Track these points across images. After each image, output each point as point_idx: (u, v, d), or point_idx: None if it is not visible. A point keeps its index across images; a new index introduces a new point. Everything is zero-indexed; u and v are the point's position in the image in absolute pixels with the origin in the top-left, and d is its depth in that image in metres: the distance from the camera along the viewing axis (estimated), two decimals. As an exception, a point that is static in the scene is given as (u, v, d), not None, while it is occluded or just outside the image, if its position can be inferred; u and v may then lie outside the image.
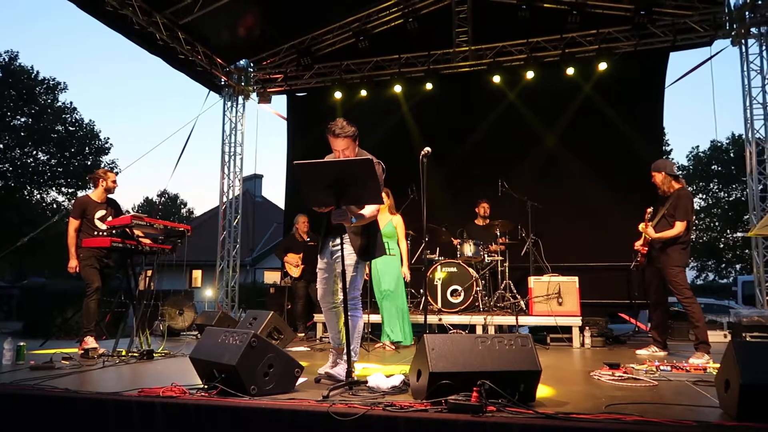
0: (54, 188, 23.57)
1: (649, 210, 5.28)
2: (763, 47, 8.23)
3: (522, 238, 7.76)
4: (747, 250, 22.16)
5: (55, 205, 23.39)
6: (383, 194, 6.06)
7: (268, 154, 72.71)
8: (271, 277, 21.35)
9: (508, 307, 7.21)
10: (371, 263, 6.16)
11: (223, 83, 10.41)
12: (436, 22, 9.41)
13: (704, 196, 25.74)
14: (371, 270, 6.12)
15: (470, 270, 7.08)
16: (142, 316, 5.34)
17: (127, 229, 5.12)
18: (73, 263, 5.40)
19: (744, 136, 8.57)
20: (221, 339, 3.31)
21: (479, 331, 6.39)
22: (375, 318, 6.43)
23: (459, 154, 9.04)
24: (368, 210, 3.70)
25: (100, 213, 5.57)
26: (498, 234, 7.60)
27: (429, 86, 9.31)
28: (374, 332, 6.42)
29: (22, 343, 4.69)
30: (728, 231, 25.28)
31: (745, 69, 8.36)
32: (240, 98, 10.61)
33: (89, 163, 23.68)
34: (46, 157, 23.07)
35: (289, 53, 10.20)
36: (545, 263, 7.66)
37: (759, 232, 7.23)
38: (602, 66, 8.58)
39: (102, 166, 23.74)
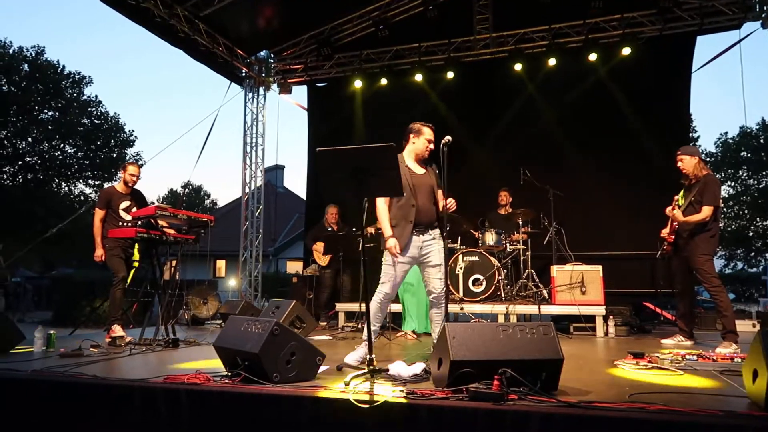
0: (81, 180, 24.00)
1: (677, 197, 5.19)
2: (795, 29, 7.98)
3: (544, 226, 7.68)
4: (777, 239, 21.66)
5: (82, 197, 23.82)
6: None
7: (289, 145, 73.24)
8: (294, 266, 21.53)
9: (530, 296, 7.16)
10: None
11: (244, 74, 10.46)
12: (456, 9, 9.30)
13: (733, 184, 25.14)
14: None
15: (492, 259, 7.04)
16: (168, 305, 5.43)
17: (152, 220, 5.20)
18: (98, 252, 5.52)
19: (774, 121, 8.34)
20: (244, 327, 3.35)
21: (501, 320, 6.36)
22: (396, 307, 6.45)
23: (480, 143, 8.98)
24: None
25: (125, 204, 5.67)
26: (520, 223, 7.54)
27: (450, 75, 9.24)
28: (395, 321, 6.44)
29: (52, 332, 4.81)
30: (758, 219, 24.69)
31: (775, 52, 8.11)
32: (261, 89, 10.66)
33: (115, 155, 24.01)
34: (73, 150, 23.46)
35: (309, 43, 10.20)
36: (568, 252, 7.57)
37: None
38: (626, 51, 8.40)
39: (127, 158, 24.06)
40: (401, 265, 4.06)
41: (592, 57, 8.56)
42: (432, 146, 4.17)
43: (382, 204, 4.08)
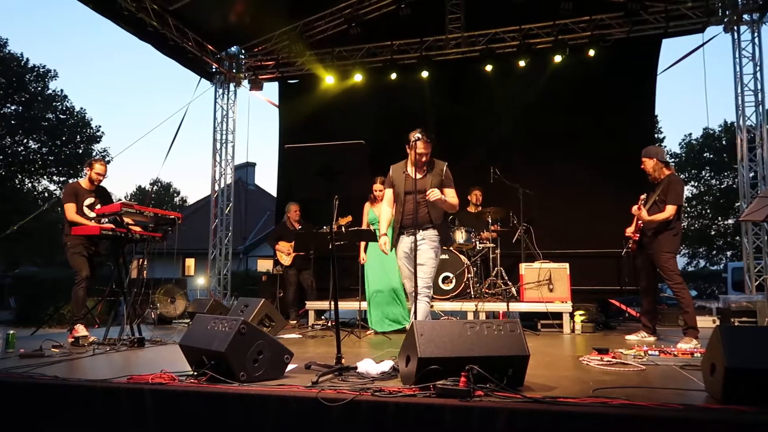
0: (45, 177, 23.40)
1: (643, 196, 5.30)
2: (755, 34, 8.24)
3: (514, 225, 7.77)
4: (737, 237, 22.32)
5: (46, 194, 23.23)
6: (381, 184, 6.14)
7: (261, 142, 72.26)
8: (264, 265, 21.35)
9: (499, 294, 7.23)
10: (368, 255, 6.21)
11: (214, 70, 10.33)
12: (429, 8, 9.34)
13: (696, 184, 25.83)
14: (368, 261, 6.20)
15: (462, 257, 7.10)
16: (133, 304, 5.32)
17: (117, 217, 5.09)
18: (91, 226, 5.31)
19: (735, 124, 8.59)
20: (211, 326, 3.31)
21: (470, 317, 6.41)
22: (367, 306, 6.45)
23: (451, 141, 9.02)
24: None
25: (89, 200, 5.53)
26: (490, 221, 7.61)
27: (423, 74, 9.26)
28: (365, 319, 6.43)
29: (11, 332, 4.68)
30: (719, 218, 25.42)
31: (737, 56, 8.37)
32: (231, 85, 10.55)
33: (80, 151, 23.48)
34: (36, 146, 22.86)
35: (280, 40, 10.12)
36: (537, 250, 7.68)
37: (747, 218, 7.26)
38: (591, 53, 8.55)
39: (93, 154, 23.56)
40: (401, 262, 4.53)
41: (562, 58, 8.68)
42: (421, 150, 4.24)
43: (384, 206, 4.68)
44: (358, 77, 9.56)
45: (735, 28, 8.38)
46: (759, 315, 6.36)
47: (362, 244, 5.79)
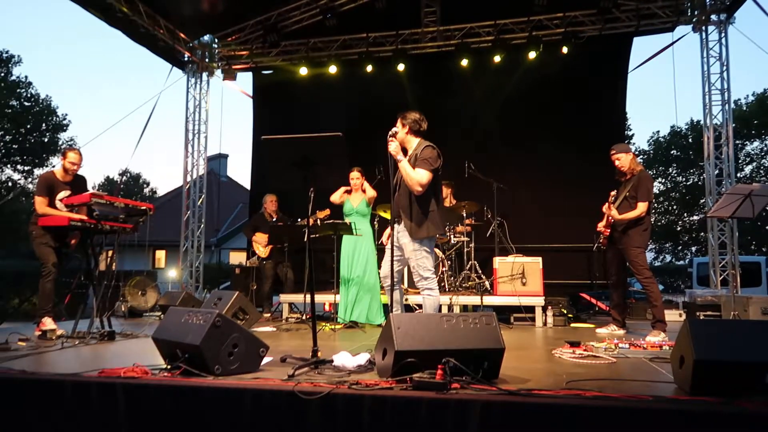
0: (9, 166, 22.71)
1: (613, 193, 5.39)
2: (722, 34, 8.44)
3: (488, 219, 7.84)
4: (702, 233, 22.92)
5: (10, 183, 22.54)
6: (358, 172, 6.09)
7: (233, 134, 71.41)
8: (237, 257, 21.14)
9: (473, 288, 7.30)
10: (342, 245, 6.19)
11: (186, 59, 10.14)
12: (404, 1, 9.32)
13: (663, 180, 26.40)
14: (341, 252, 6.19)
15: (436, 250, 7.13)
16: (103, 297, 5.21)
17: (93, 207, 4.96)
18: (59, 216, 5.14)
19: (702, 122, 8.80)
20: (185, 319, 3.26)
21: (445, 311, 6.45)
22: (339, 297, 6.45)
23: (427, 136, 9.03)
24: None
25: (63, 194, 5.35)
26: (464, 215, 7.66)
27: (399, 66, 9.24)
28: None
29: (-25, 325, 4.53)
30: (685, 214, 26.04)
31: (705, 55, 8.56)
32: (204, 75, 10.38)
33: (46, 140, 22.85)
34: (0, 133, 22.18)
35: (254, 29, 9.98)
36: (510, 244, 7.77)
37: (714, 215, 7.46)
38: (565, 49, 8.65)
39: (60, 143, 22.96)
40: (394, 250, 4.29)
41: (536, 54, 8.76)
42: (389, 139, 4.19)
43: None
44: (332, 69, 9.50)
45: (703, 28, 8.57)
46: (723, 309, 6.54)
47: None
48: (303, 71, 9.62)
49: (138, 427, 2.82)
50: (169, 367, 3.14)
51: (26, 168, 22.81)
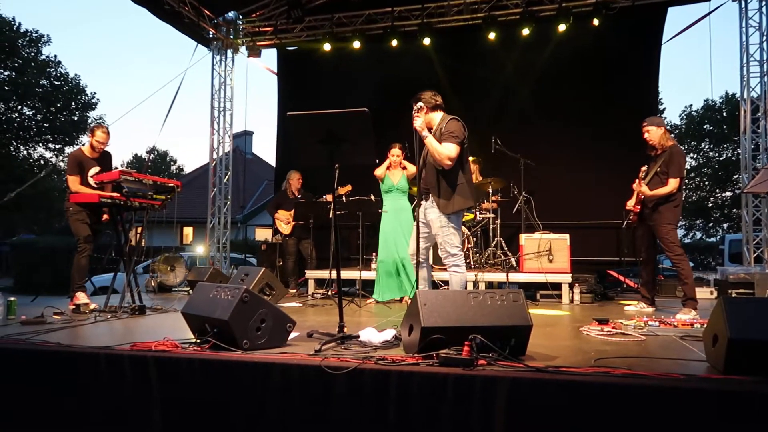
0: (41, 144, 23.18)
1: (644, 169, 5.26)
2: (763, 2, 8.08)
3: (514, 195, 7.75)
4: (735, 210, 22.36)
5: (42, 161, 23.03)
6: (398, 149, 6.03)
7: (259, 111, 71.44)
8: (263, 234, 21.37)
9: (499, 264, 7.25)
10: (382, 224, 6.19)
11: (211, 36, 10.13)
12: (430, -28, 9.12)
13: (695, 156, 25.75)
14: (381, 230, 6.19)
15: (462, 227, 7.07)
16: (133, 272, 5.32)
17: (121, 184, 5.05)
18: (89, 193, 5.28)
19: (739, 95, 8.50)
20: (213, 294, 3.30)
21: (470, 287, 6.42)
22: (367, 275, 6.47)
23: (453, 111, 8.90)
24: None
25: (94, 170, 5.48)
26: (490, 191, 7.58)
27: (424, 41, 9.06)
28: (365, 288, 6.46)
29: (12, 298, 4.66)
30: (717, 190, 25.41)
31: (743, 25, 8.23)
32: (229, 52, 10.36)
33: (76, 118, 23.22)
34: (31, 112, 22.58)
35: (278, 5, 9.89)
36: (537, 221, 7.67)
37: (751, 190, 7.26)
38: (597, 21, 8.38)
39: (89, 122, 23.30)
40: (421, 227, 4.25)
41: (565, 27, 8.51)
42: (415, 114, 4.16)
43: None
44: (357, 44, 9.38)
45: (742, -4, 8.22)
46: (757, 287, 6.39)
47: None
48: (327, 47, 9.51)
49: (169, 398, 2.88)
50: (198, 341, 3.20)
51: (57, 146, 23.25)
